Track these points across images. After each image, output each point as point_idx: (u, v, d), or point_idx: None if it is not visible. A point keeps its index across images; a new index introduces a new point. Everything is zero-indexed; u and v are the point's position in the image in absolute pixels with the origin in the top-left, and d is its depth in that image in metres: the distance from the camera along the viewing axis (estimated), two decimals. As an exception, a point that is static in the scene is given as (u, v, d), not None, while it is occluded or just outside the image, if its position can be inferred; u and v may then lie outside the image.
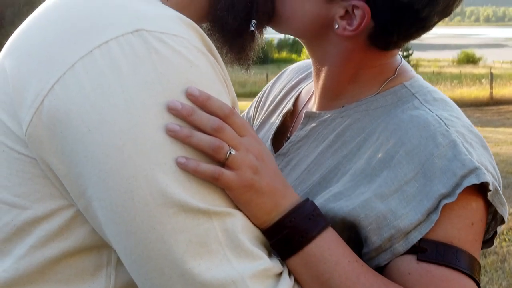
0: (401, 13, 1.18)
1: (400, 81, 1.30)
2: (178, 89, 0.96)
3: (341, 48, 1.28)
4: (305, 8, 1.25)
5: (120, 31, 0.95)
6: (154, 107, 0.93)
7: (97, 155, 0.92)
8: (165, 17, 1.02)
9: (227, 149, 1.00)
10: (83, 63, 0.93)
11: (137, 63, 0.94)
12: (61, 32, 0.99)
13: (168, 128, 0.93)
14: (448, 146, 1.13)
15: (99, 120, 0.92)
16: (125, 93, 0.92)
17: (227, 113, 1.01)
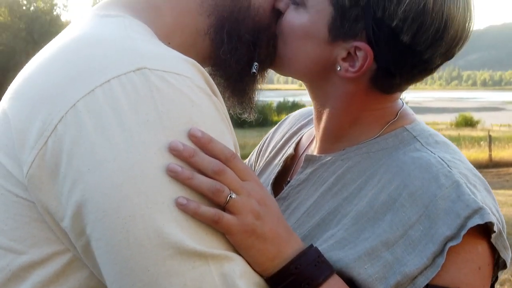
0: (404, 55, 1.19)
1: (401, 124, 1.30)
2: (179, 128, 0.95)
3: (343, 90, 1.28)
4: (307, 49, 1.26)
5: (123, 70, 0.96)
6: (155, 146, 0.93)
7: (96, 194, 0.91)
8: (168, 56, 1.03)
9: (228, 193, 0.99)
10: (85, 102, 0.94)
11: (139, 102, 0.94)
12: (63, 73, 0.99)
13: (169, 169, 0.93)
14: (451, 187, 1.11)
15: (98, 159, 0.92)
16: (126, 132, 0.92)
17: (228, 156, 1.01)
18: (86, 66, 0.98)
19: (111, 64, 0.97)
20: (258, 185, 1.06)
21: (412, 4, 1.14)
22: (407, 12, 1.15)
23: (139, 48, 1.01)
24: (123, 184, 0.91)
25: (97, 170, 0.91)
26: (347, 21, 1.19)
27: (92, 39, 1.05)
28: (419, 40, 1.17)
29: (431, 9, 1.15)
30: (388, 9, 1.15)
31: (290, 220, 1.32)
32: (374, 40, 1.18)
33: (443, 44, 1.18)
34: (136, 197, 0.91)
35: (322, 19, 1.22)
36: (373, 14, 1.16)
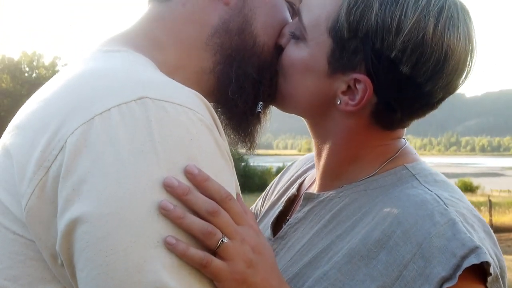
0: (404, 87, 1.16)
1: (402, 162, 1.26)
2: (175, 161, 0.92)
3: (344, 126, 1.26)
4: (307, 83, 1.25)
5: (124, 99, 0.94)
6: (147, 178, 0.89)
7: (83, 225, 0.88)
8: (172, 86, 1.01)
9: (220, 236, 0.95)
10: (82, 131, 0.91)
11: (135, 131, 0.91)
12: (64, 104, 0.98)
13: (161, 206, 0.89)
14: (447, 225, 1.07)
15: (89, 188, 0.89)
16: (118, 162, 0.89)
17: (224, 197, 0.97)
18: (88, 96, 0.96)
19: (112, 93, 0.95)
20: (254, 231, 1.02)
21: (411, 35, 1.12)
22: (406, 42, 1.13)
23: (142, 78, 1.00)
24: (109, 215, 0.87)
25: (86, 199, 0.89)
26: (346, 53, 1.18)
27: (94, 71, 1.04)
28: (419, 71, 1.14)
29: (431, 39, 1.13)
30: (387, 40, 1.13)
31: (284, 258, 1.29)
32: (373, 71, 1.16)
33: (443, 76, 1.16)
34: (121, 230, 0.87)
35: (321, 51, 1.22)
36: (371, 45, 1.15)
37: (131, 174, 0.89)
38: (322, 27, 1.21)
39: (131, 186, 0.88)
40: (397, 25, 1.13)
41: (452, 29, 1.15)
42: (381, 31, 1.14)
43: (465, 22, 1.18)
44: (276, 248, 1.34)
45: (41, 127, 0.97)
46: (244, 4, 1.23)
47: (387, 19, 1.13)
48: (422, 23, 1.13)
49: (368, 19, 1.14)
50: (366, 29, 1.14)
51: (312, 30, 1.23)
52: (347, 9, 1.16)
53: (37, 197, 0.93)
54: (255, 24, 1.24)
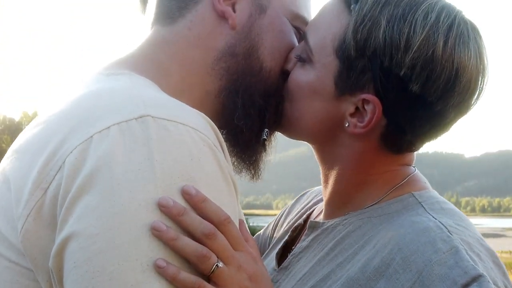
0: (414, 106, 1.12)
1: (409, 190, 1.20)
2: (172, 182, 0.88)
3: (352, 150, 1.21)
4: (314, 107, 1.21)
5: (125, 117, 0.91)
6: (141, 197, 0.86)
7: (72, 244, 0.85)
8: (175, 105, 0.98)
9: (215, 261, 0.90)
10: (82, 149, 0.89)
11: (134, 150, 0.88)
12: (64, 124, 0.95)
13: (153, 226, 0.85)
14: (449, 252, 1.01)
15: (81, 206, 0.86)
16: (113, 180, 0.86)
17: (222, 219, 0.92)
18: (88, 115, 0.94)
19: (113, 111, 0.93)
20: (252, 258, 0.97)
21: (420, 51, 1.09)
22: (416, 59, 1.09)
23: (144, 96, 0.97)
24: (98, 235, 0.84)
25: (77, 218, 0.86)
26: (354, 73, 1.14)
27: (95, 92, 1.02)
28: (430, 89, 1.10)
29: (441, 56, 1.09)
30: (396, 57, 1.10)
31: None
32: (382, 91, 1.12)
33: (455, 95, 1.12)
34: (109, 250, 0.83)
35: (328, 73, 1.18)
36: (380, 63, 1.11)
37: (124, 193, 0.85)
38: (329, 48, 1.19)
39: (123, 205, 0.85)
40: (405, 42, 1.09)
41: (462, 46, 1.11)
42: (390, 49, 1.10)
43: (475, 40, 1.15)
44: (279, 279, 1.30)
45: (39, 148, 0.95)
46: (251, 28, 1.21)
47: (396, 36, 1.10)
48: (432, 39, 1.09)
49: (375, 36, 1.11)
50: (374, 47, 1.11)
51: (319, 52, 1.21)
52: (353, 28, 1.13)
53: (34, 219, 0.90)
54: (262, 49, 1.22)
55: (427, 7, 1.12)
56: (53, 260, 0.88)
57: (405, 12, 1.11)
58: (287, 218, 1.58)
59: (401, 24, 1.10)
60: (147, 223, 0.85)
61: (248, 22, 1.21)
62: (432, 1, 1.14)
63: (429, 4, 1.13)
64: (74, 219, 0.86)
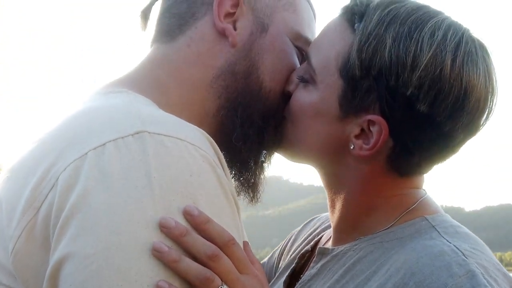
0: (422, 127, 1.08)
1: (421, 214, 1.15)
2: (171, 198, 0.85)
3: (358, 173, 1.17)
4: (317, 128, 1.17)
5: (121, 133, 0.88)
6: (140, 216, 0.82)
7: (67, 265, 0.82)
8: (173, 121, 0.95)
9: (219, 284, 0.86)
10: (75, 166, 0.86)
11: (131, 167, 0.85)
12: (59, 141, 0.93)
13: (154, 247, 0.81)
14: (465, 276, 0.96)
15: (76, 226, 0.82)
16: (109, 198, 0.82)
17: (226, 241, 0.88)
18: (83, 132, 0.91)
19: (109, 128, 0.90)
20: (258, 282, 0.93)
21: (427, 70, 1.05)
22: (423, 78, 1.05)
23: (141, 113, 0.94)
24: (95, 255, 0.80)
25: (72, 237, 0.82)
26: (359, 93, 1.11)
27: (91, 110, 1.00)
28: (438, 109, 1.06)
29: (449, 75, 1.06)
30: (402, 76, 1.06)
31: None
32: (388, 111, 1.08)
33: (464, 114, 1.08)
34: (107, 270, 0.80)
35: (332, 93, 1.15)
36: (386, 83, 1.07)
37: (122, 211, 0.82)
38: (332, 67, 1.15)
39: (121, 224, 0.81)
40: (412, 60, 1.06)
41: (471, 64, 1.08)
42: (396, 67, 1.06)
43: (484, 58, 1.11)
44: None
45: (33, 167, 0.92)
46: (251, 47, 1.19)
47: (402, 54, 1.06)
48: (439, 58, 1.06)
49: (381, 55, 1.08)
50: (380, 66, 1.08)
51: (322, 72, 1.17)
52: (358, 47, 1.10)
53: (26, 240, 0.87)
54: (262, 68, 1.20)
55: (433, 25, 1.09)
56: (47, 283, 0.84)
57: (411, 30, 1.08)
58: (293, 245, 1.53)
59: (407, 42, 1.07)
60: (146, 242, 0.82)
61: (249, 41, 1.19)
62: (439, 19, 1.11)
63: (436, 22, 1.10)
64: (69, 239, 0.82)
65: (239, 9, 1.18)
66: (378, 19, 1.10)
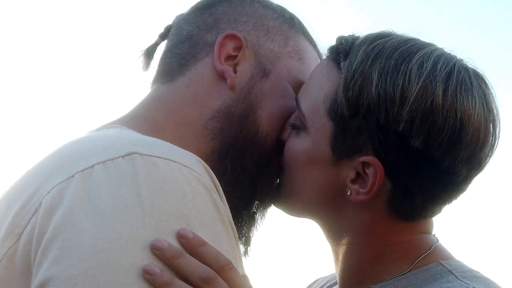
0: (419, 165, 1.01)
1: (436, 259, 1.06)
2: (163, 219, 0.79)
3: (359, 221, 1.09)
4: (312, 176, 1.11)
5: (110, 156, 0.84)
6: (128, 236, 0.77)
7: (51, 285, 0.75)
8: (166, 145, 0.92)
9: None
10: (60, 188, 0.82)
11: (120, 187, 0.80)
12: (46, 168, 0.90)
13: (145, 269, 0.75)
14: None
15: (58, 247, 0.77)
16: (96, 218, 0.78)
17: (223, 264, 0.82)
18: (73, 156, 0.88)
19: (99, 151, 0.87)
20: None
21: (418, 103, 0.99)
22: (413, 112, 0.99)
23: (133, 137, 0.91)
24: (79, 276, 0.74)
25: (54, 259, 0.77)
26: (349, 134, 1.05)
27: (82, 139, 0.97)
28: (433, 144, 0.99)
29: (441, 106, 0.99)
30: (392, 112, 1.00)
31: None
32: (382, 151, 1.02)
33: (463, 147, 1.00)
34: None
35: (323, 137, 1.09)
36: (376, 120, 1.01)
37: (109, 231, 0.77)
38: (321, 110, 1.10)
39: (109, 244, 0.76)
40: (401, 94, 1.00)
41: (464, 93, 1.01)
42: (384, 103, 1.01)
43: (480, 87, 1.04)
44: None
45: (17, 194, 0.88)
46: (250, 90, 1.16)
47: (389, 88, 1.01)
48: (429, 88, 1.00)
49: (368, 92, 1.02)
50: (368, 103, 1.02)
51: (311, 116, 1.12)
52: (344, 85, 1.05)
53: (5, 268, 0.82)
54: (260, 112, 1.16)
55: (422, 56, 1.04)
56: None
57: (398, 63, 1.03)
58: None
59: (394, 76, 1.02)
60: (135, 263, 0.76)
61: (248, 84, 1.16)
62: (428, 50, 1.06)
63: (424, 53, 1.05)
64: (51, 261, 0.77)
65: (241, 53, 1.17)
66: (363, 55, 1.05)
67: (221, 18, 1.20)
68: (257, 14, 1.21)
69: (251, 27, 1.20)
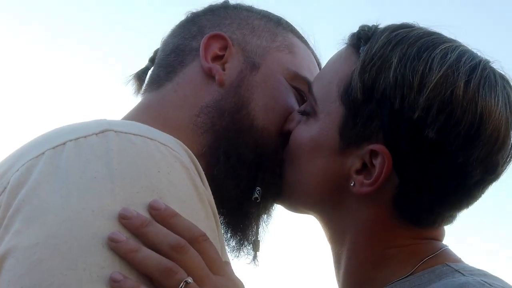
0: (430, 158, 0.95)
1: (442, 261, 0.99)
2: (134, 190, 0.75)
3: (362, 217, 1.03)
4: (316, 165, 1.06)
5: (83, 134, 0.81)
6: (94, 205, 0.72)
7: (8, 261, 0.71)
8: (146, 127, 0.88)
9: (183, 277, 0.72)
10: (29, 165, 0.78)
11: (90, 160, 0.77)
12: (18, 151, 0.86)
13: (110, 237, 0.70)
14: None
15: (21, 219, 0.73)
16: (62, 189, 0.74)
17: (196, 236, 0.76)
18: (46, 136, 0.85)
19: (74, 130, 0.83)
20: (233, 285, 0.79)
21: (436, 91, 0.94)
22: (431, 100, 0.93)
23: (111, 120, 0.87)
24: (38, 245, 0.70)
25: (18, 233, 0.72)
26: (360, 119, 0.99)
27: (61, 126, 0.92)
28: (449, 136, 0.94)
29: (461, 97, 0.94)
30: (408, 98, 0.95)
31: None
32: (392, 140, 0.96)
33: (480, 145, 0.94)
34: (51, 259, 0.69)
35: (332, 122, 1.04)
36: (390, 106, 0.96)
37: (74, 201, 0.72)
38: (334, 94, 1.05)
39: (73, 214, 0.71)
40: (420, 80, 0.94)
41: (488, 90, 0.95)
42: (401, 88, 0.95)
43: (504, 88, 0.99)
44: None
45: None
46: (239, 84, 1.14)
47: (408, 74, 0.95)
48: (451, 78, 0.94)
49: (385, 76, 0.97)
50: (383, 88, 0.97)
51: (323, 100, 1.07)
52: (361, 68, 1.00)
53: None
54: (253, 105, 1.13)
55: (446, 48, 0.98)
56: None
57: (420, 51, 0.98)
58: None
59: (415, 62, 0.96)
60: (100, 231, 0.71)
61: (237, 78, 1.14)
62: (453, 44, 1.01)
63: (449, 46, 1.00)
64: (12, 234, 0.72)
65: (228, 51, 1.16)
66: (385, 40, 1.01)
67: (205, 25, 1.20)
68: (241, 16, 1.22)
69: (236, 27, 1.20)
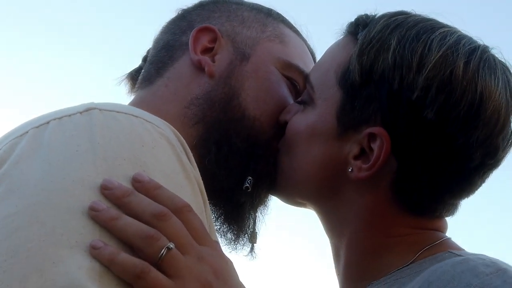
0: (429, 139, 0.94)
1: (445, 249, 0.97)
2: (116, 163, 0.74)
3: (360, 206, 1.01)
4: (313, 152, 1.05)
5: (68, 113, 0.80)
6: (75, 176, 0.72)
7: None
8: (133, 107, 0.88)
9: (165, 243, 0.70)
10: (13, 143, 0.78)
11: (72, 136, 0.76)
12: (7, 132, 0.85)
13: (90, 206, 0.69)
14: (494, 274, 0.82)
15: (3, 191, 0.72)
16: (43, 163, 0.73)
17: (180, 206, 0.75)
18: (35, 118, 0.84)
19: (60, 111, 0.82)
20: (219, 255, 0.78)
21: (436, 71, 0.93)
22: (430, 80, 0.92)
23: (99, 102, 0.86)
24: (17, 214, 0.69)
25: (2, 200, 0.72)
26: (358, 102, 0.99)
27: None
28: (448, 116, 0.93)
29: (461, 77, 0.93)
30: (407, 78, 0.94)
31: None
32: (391, 121, 0.95)
33: (479, 126, 0.93)
34: (29, 226, 0.68)
35: (330, 107, 1.03)
36: (388, 87, 0.95)
37: (55, 172, 0.72)
38: (331, 80, 1.05)
39: (53, 184, 0.71)
40: (418, 60, 0.94)
41: (488, 71, 0.95)
42: (400, 69, 0.94)
43: (504, 72, 0.98)
44: None
45: None
46: (229, 74, 1.13)
47: (407, 54, 0.95)
48: (450, 58, 0.94)
49: (384, 58, 0.96)
50: (382, 70, 0.96)
51: (320, 87, 1.07)
52: (359, 51, 1.00)
53: None
54: (244, 95, 1.13)
55: (445, 31, 0.98)
56: None
57: (419, 34, 0.97)
58: None
59: (414, 43, 0.96)
60: (80, 200, 0.70)
61: (227, 68, 1.14)
62: (452, 29, 1.00)
63: (448, 30, 0.99)
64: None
65: (218, 43, 1.16)
66: (383, 25, 1.01)
67: (194, 19, 1.20)
68: (231, 8, 1.22)
69: (225, 20, 1.19)
